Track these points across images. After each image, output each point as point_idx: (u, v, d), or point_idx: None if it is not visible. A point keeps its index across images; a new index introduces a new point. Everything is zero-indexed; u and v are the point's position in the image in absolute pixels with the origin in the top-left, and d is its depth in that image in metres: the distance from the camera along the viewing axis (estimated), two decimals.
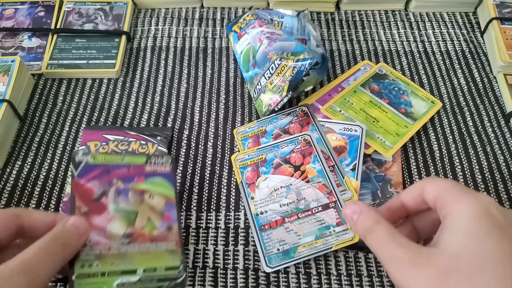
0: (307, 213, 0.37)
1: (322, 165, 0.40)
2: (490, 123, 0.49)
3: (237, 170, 0.41)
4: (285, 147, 0.42)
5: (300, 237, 0.36)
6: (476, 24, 0.59)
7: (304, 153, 0.41)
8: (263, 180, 0.40)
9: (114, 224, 0.34)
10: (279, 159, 0.41)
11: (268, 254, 0.36)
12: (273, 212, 0.38)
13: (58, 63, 0.52)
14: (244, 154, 0.41)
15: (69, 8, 0.58)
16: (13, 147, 0.46)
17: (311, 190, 0.39)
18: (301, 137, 0.42)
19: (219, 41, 0.56)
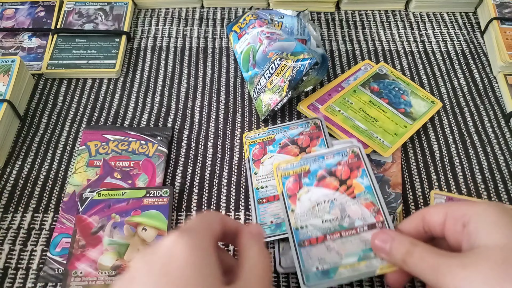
0: (351, 232, 0.34)
1: (371, 181, 0.36)
2: (490, 123, 0.49)
3: (278, 179, 0.38)
4: (331, 158, 0.38)
5: (341, 257, 0.33)
6: (476, 24, 0.59)
7: (351, 166, 0.38)
8: (305, 192, 0.37)
9: (105, 256, 0.37)
10: (324, 171, 0.38)
11: (306, 272, 0.33)
12: (314, 228, 0.35)
13: (58, 63, 0.52)
14: (287, 164, 0.39)
15: (69, 8, 0.58)
16: (13, 147, 0.46)
17: (357, 207, 0.35)
18: (349, 149, 0.38)
19: (219, 41, 0.56)
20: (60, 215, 0.40)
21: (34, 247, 0.39)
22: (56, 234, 0.39)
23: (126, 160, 0.44)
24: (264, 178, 0.41)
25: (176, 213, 0.42)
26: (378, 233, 0.31)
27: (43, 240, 0.40)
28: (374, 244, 0.31)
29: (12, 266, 0.38)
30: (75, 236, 0.38)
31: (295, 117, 0.48)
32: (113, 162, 0.44)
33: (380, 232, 0.31)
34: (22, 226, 0.41)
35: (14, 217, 0.41)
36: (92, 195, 0.40)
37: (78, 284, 0.35)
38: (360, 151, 0.38)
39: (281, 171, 0.38)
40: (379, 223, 0.34)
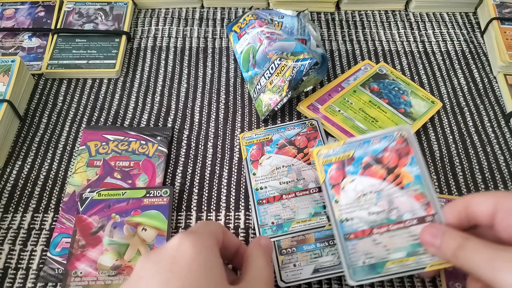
0: (399, 226, 0.32)
1: (422, 170, 0.33)
2: (490, 123, 0.49)
3: (319, 167, 0.36)
4: (377, 143, 0.35)
5: (389, 252, 0.31)
6: (476, 24, 0.59)
7: (400, 153, 0.34)
8: (349, 181, 0.34)
9: (105, 256, 0.37)
10: (370, 157, 0.34)
11: (353, 266, 0.32)
12: (360, 221, 0.33)
13: (58, 63, 0.52)
14: (329, 149, 0.35)
15: (69, 8, 0.58)
16: (13, 147, 0.46)
17: (406, 198, 0.32)
18: (397, 133, 0.34)
19: (219, 41, 0.56)
20: (60, 215, 0.40)
21: (34, 247, 0.39)
22: (56, 234, 0.39)
23: (126, 160, 0.44)
24: (263, 179, 0.41)
25: (176, 213, 0.42)
26: (427, 227, 0.30)
27: (43, 240, 0.40)
28: (423, 239, 0.30)
29: (12, 266, 0.38)
30: (75, 236, 0.38)
31: (295, 117, 0.48)
32: (113, 162, 0.44)
33: (429, 226, 0.30)
34: (22, 226, 0.41)
35: (14, 217, 0.41)
36: (92, 195, 0.40)
37: (78, 284, 0.35)
38: (410, 135, 0.34)
39: (323, 158, 0.35)
40: (429, 217, 0.31)
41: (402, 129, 0.34)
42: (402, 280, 0.38)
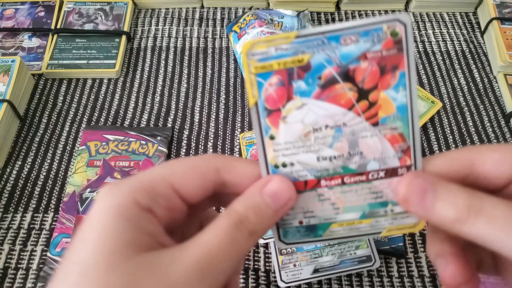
0: (358, 178, 0.23)
1: (410, 96, 0.21)
2: (490, 123, 0.49)
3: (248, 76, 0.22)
4: (352, 43, 0.21)
5: (338, 212, 0.23)
6: (476, 24, 0.59)
7: (384, 65, 0.21)
8: (296, 107, 0.22)
9: None
10: (335, 68, 0.21)
11: (284, 226, 0.23)
12: (303, 168, 0.23)
13: (58, 63, 0.52)
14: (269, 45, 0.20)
15: (69, 8, 0.58)
16: (13, 147, 0.46)
17: (377, 140, 0.22)
18: (388, 26, 0.20)
19: (219, 41, 0.56)
20: (60, 215, 0.40)
21: (34, 247, 0.39)
22: (56, 234, 0.39)
23: (126, 160, 0.44)
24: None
25: None
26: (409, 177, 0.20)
27: (43, 240, 0.40)
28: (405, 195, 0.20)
29: (12, 266, 0.38)
30: None
31: None
32: (113, 162, 0.44)
33: (412, 176, 0.20)
34: (22, 226, 0.41)
35: (14, 217, 0.41)
36: (92, 195, 0.40)
37: None
38: (406, 32, 0.20)
39: (256, 60, 0.21)
40: (403, 169, 0.22)
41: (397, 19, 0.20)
42: (403, 280, 0.38)
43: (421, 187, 0.20)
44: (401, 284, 0.38)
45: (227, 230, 0.18)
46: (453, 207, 0.19)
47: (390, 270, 0.39)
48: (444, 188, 0.19)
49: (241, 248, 0.18)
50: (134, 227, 0.17)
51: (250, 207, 0.19)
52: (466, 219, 0.18)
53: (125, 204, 0.18)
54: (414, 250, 0.40)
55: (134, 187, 0.18)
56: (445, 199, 0.19)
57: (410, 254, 0.39)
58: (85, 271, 0.16)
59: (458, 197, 0.19)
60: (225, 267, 0.18)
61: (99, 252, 0.16)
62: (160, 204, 0.19)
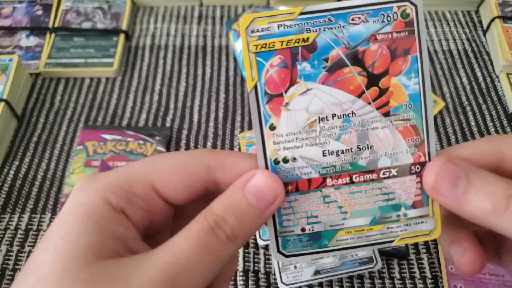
0: (369, 176, 0.20)
1: (422, 84, 0.19)
2: (493, 122, 0.48)
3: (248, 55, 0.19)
4: (360, 23, 0.19)
5: (345, 216, 0.21)
6: (478, 23, 0.58)
7: (396, 48, 0.19)
8: (300, 92, 0.19)
9: None
10: (343, 50, 0.19)
11: (284, 234, 0.20)
12: (307, 164, 0.20)
13: (56, 62, 0.52)
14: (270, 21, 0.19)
15: (67, 6, 0.57)
16: (11, 147, 0.46)
17: (388, 132, 0.20)
18: (398, 7, 0.19)
19: (219, 40, 0.56)
20: None
21: (32, 249, 0.39)
22: None
23: (124, 160, 0.43)
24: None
25: None
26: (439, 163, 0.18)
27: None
28: (432, 182, 0.18)
29: (10, 268, 0.38)
30: None
31: None
32: (111, 162, 0.43)
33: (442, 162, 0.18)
34: (20, 227, 0.40)
35: (12, 218, 0.41)
36: None
37: None
38: (417, 14, 0.19)
39: (257, 38, 0.19)
40: (416, 167, 0.20)
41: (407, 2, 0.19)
42: (405, 282, 0.37)
43: (453, 173, 0.17)
44: (403, 285, 0.37)
45: (200, 234, 0.16)
46: (489, 197, 0.16)
47: (392, 271, 0.38)
48: (480, 175, 0.17)
49: (216, 255, 0.16)
50: (100, 230, 0.16)
51: (229, 206, 0.17)
52: (504, 211, 0.16)
53: (95, 204, 0.16)
54: (416, 252, 0.39)
55: (109, 184, 0.16)
56: (480, 188, 0.17)
57: (412, 256, 0.39)
58: (40, 276, 0.15)
59: (495, 186, 0.17)
60: (197, 278, 0.15)
61: (56, 257, 0.15)
62: (136, 205, 0.17)
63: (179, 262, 0.15)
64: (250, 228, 0.17)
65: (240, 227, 0.17)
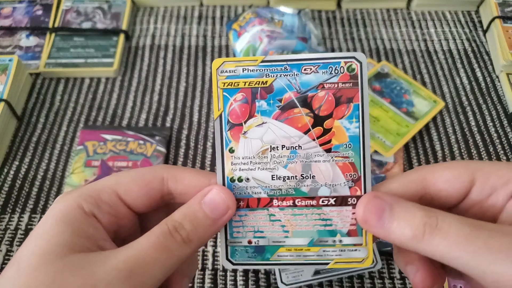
0: (309, 202, 0.23)
1: (362, 128, 0.23)
2: (493, 122, 0.48)
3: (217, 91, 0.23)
4: (311, 72, 0.23)
5: (287, 235, 0.24)
6: (478, 23, 0.58)
7: (340, 96, 0.23)
8: (257, 124, 0.23)
9: None
10: (294, 94, 0.23)
11: (233, 244, 0.23)
12: (258, 185, 0.23)
13: (56, 62, 0.51)
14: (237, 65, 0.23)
15: (67, 6, 0.57)
16: (11, 147, 0.46)
17: (329, 166, 0.23)
18: (345, 62, 0.23)
19: (219, 40, 0.56)
20: None
21: None
22: None
23: (124, 160, 0.43)
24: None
25: None
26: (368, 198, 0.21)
27: None
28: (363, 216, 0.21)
29: None
30: None
31: None
32: (111, 162, 0.43)
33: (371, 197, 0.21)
34: (20, 227, 0.40)
35: (12, 218, 0.41)
36: None
37: None
38: (361, 70, 0.23)
39: (224, 77, 0.23)
40: (352, 199, 0.23)
41: (354, 57, 0.23)
42: (404, 282, 0.37)
43: (378, 207, 0.20)
44: (403, 285, 0.37)
45: (159, 236, 0.19)
46: (409, 225, 0.19)
47: (392, 271, 0.38)
48: (401, 207, 0.20)
49: (173, 254, 0.19)
50: (73, 230, 0.19)
51: (187, 215, 0.20)
52: (422, 237, 0.19)
53: (69, 209, 0.19)
54: None
55: (81, 194, 0.20)
56: (401, 217, 0.19)
57: None
58: (20, 267, 0.18)
59: (414, 215, 0.19)
60: (154, 271, 0.18)
61: (35, 252, 0.18)
62: (104, 210, 0.20)
63: (139, 256, 0.18)
64: (204, 234, 0.20)
65: (195, 232, 0.20)
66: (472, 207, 0.21)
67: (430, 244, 0.18)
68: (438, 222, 0.18)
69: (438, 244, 0.18)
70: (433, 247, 0.18)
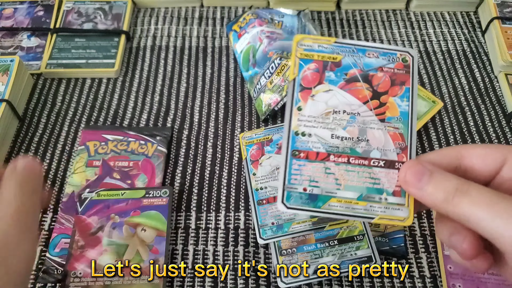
0: (362, 161, 0.27)
1: (411, 108, 0.28)
2: (492, 123, 0.48)
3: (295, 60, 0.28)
4: (373, 57, 0.28)
5: (339, 187, 0.26)
6: (477, 23, 0.59)
7: (395, 79, 0.28)
8: (324, 90, 0.28)
9: (104, 257, 0.36)
10: (358, 71, 0.28)
11: (289, 189, 0.26)
12: (318, 140, 0.27)
13: (57, 63, 0.52)
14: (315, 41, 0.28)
15: (68, 7, 0.57)
16: (12, 147, 0.46)
17: (382, 133, 0.27)
18: (400, 54, 0.28)
19: (219, 41, 0.56)
20: (59, 215, 0.40)
21: None
22: (55, 235, 0.39)
23: (125, 160, 0.43)
24: (263, 179, 0.41)
25: (175, 213, 0.41)
26: (409, 163, 0.24)
27: (42, 240, 0.40)
28: (403, 178, 0.24)
29: None
30: (74, 236, 0.37)
31: None
32: (112, 162, 0.43)
33: (412, 163, 0.24)
34: None
35: None
36: (91, 195, 0.40)
37: (77, 285, 0.35)
38: (413, 62, 0.28)
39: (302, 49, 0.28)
40: (399, 164, 0.26)
41: (407, 52, 0.28)
42: (404, 281, 0.38)
43: (419, 171, 0.23)
44: (402, 284, 0.37)
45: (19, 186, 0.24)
46: (443, 189, 0.22)
47: (392, 271, 0.38)
48: (439, 173, 0.23)
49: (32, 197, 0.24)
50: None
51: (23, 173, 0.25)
52: (452, 200, 0.21)
53: None
54: (415, 251, 0.39)
55: None
56: (438, 182, 0.22)
57: (411, 255, 0.39)
58: None
59: (449, 181, 0.22)
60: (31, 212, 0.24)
61: None
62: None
63: None
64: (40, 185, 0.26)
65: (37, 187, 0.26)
66: (503, 183, 0.23)
67: (458, 206, 0.21)
68: (469, 188, 0.21)
69: (465, 207, 0.20)
70: (460, 209, 0.21)
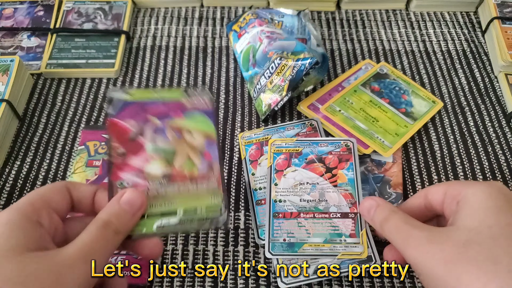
0: (324, 215, 0.37)
1: (355, 176, 0.39)
2: (492, 123, 0.48)
3: (270, 154, 0.41)
4: (324, 146, 0.41)
5: (309, 236, 0.36)
6: (477, 23, 0.59)
7: (341, 158, 0.40)
8: (292, 170, 0.40)
9: (152, 164, 0.31)
10: (314, 156, 0.40)
11: (273, 241, 0.36)
12: (291, 204, 0.38)
13: (57, 63, 0.52)
14: (282, 141, 0.41)
15: (68, 7, 0.57)
16: (12, 147, 0.46)
17: (336, 195, 0.38)
18: (344, 142, 0.41)
19: (219, 41, 0.56)
20: None
21: None
22: None
23: None
24: (262, 179, 0.41)
25: None
26: (366, 199, 0.33)
27: None
28: (361, 208, 0.34)
29: None
30: (111, 142, 0.31)
31: (295, 117, 0.48)
32: None
33: (369, 198, 0.33)
34: None
35: None
36: (123, 95, 0.33)
37: None
38: (353, 146, 0.41)
39: (275, 147, 0.41)
40: (352, 214, 0.37)
41: (349, 140, 0.41)
42: (404, 281, 0.38)
43: (369, 205, 0.33)
44: (402, 285, 0.37)
45: (97, 230, 0.25)
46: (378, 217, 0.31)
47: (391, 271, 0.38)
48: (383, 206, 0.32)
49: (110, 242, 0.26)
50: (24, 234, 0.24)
51: (112, 213, 0.26)
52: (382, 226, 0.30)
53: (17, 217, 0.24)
54: None
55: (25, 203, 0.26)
56: (377, 212, 0.32)
57: None
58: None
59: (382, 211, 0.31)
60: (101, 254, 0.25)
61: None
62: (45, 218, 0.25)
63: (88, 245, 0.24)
64: (128, 225, 0.27)
65: (121, 225, 0.26)
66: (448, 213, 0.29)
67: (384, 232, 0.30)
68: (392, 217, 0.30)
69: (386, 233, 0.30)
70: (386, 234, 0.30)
